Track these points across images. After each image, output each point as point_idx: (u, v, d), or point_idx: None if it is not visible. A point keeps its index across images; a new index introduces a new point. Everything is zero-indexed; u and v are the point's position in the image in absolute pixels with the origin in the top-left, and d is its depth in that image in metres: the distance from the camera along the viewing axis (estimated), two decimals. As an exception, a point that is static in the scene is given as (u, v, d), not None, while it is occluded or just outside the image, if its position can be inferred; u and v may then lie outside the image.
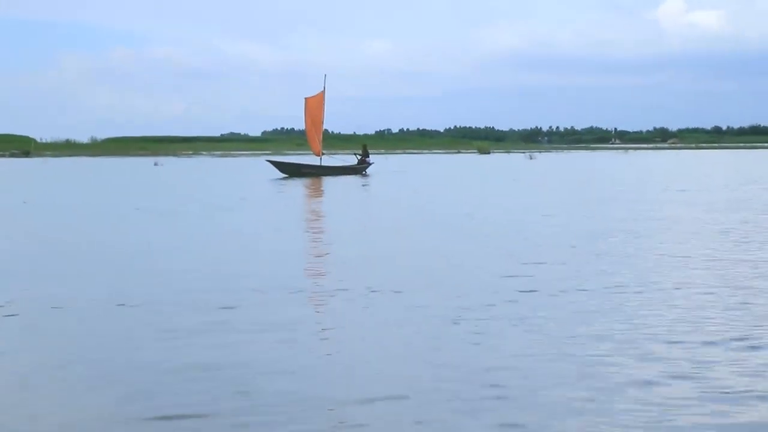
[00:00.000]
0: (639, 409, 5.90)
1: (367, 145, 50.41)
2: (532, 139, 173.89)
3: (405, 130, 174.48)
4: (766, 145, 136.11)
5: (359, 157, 47.17)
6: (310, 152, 47.97)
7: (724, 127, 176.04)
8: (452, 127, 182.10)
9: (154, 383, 6.60)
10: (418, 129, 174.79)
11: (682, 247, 14.03)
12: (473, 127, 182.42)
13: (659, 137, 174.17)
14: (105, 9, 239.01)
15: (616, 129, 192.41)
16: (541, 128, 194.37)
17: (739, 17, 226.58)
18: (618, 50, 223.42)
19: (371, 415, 5.89)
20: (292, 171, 43.83)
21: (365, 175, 44.70)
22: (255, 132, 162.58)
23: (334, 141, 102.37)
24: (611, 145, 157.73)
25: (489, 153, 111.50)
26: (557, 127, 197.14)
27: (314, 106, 45.00)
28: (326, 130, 50.05)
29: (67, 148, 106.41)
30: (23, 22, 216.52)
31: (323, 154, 45.39)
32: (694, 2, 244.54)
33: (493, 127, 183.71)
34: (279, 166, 44.49)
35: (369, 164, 47.08)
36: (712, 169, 53.18)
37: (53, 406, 6.14)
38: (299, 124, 47.45)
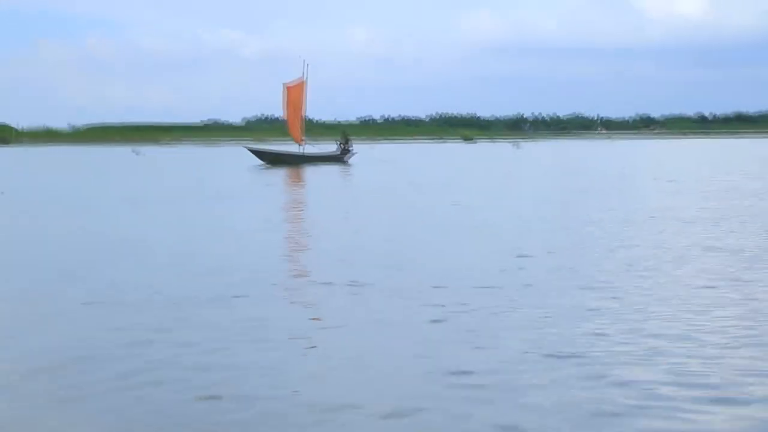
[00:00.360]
0: (643, 411, 5.44)
1: (348, 133, 49.53)
2: (516, 127, 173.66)
3: (388, 118, 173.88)
4: (751, 133, 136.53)
5: (341, 145, 46.49)
6: (292, 140, 47.15)
7: (708, 115, 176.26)
8: (435, 115, 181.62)
9: (138, 390, 6.03)
10: (401, 117, 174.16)
11: (680, 238, 13.59)
12: (457, 115, 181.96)
13: (643, 125, 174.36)
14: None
15: (600, 117, 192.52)
16: (524, 116, 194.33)
17: (721, 6, 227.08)
18: (601, 38, 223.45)
19: (363, 424, 5.41)
20: (272, 159, 43.11)
21: (347, 164, 44.03)
22: (237, 120, 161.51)
23: (317, 129, 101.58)
24: (596, 133, 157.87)
25: (474, 141, 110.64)
26: (541, 115, 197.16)
27: (295, 93, 44.29)
28: (309, 119, 49.39)
29: (47, 136, 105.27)
30: (2, 10, 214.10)
31: (304, 142, 44.69)
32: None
33: (476, 115, 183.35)
34: (259, 154, 43.78)
35: (351, 153, 46.36)
36: (702, 157, 53.12)
37: (33, 415, 5.63)
38: (281, 112, 46.64)
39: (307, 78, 44.83)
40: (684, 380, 6.13)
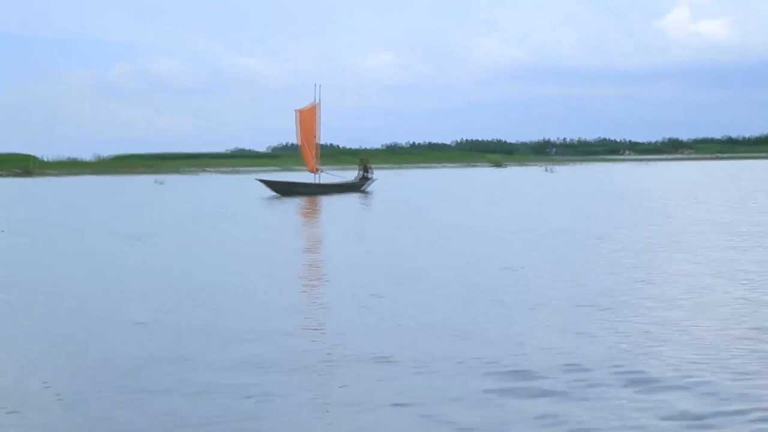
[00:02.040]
0: None
1: (367, 160, 46.89)
2: (542, 152, 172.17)
3: (413, 143, 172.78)
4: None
5: (361, 172, 44.34)
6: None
7: (736, 137, 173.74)
8: (461, 141, 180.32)
9: None
10: (427, 143, 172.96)
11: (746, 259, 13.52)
12: (482, 140, 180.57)
13: (671, 148, 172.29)
14: (108, 25, 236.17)
15: (628, 140, 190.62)
16: (550, 140, 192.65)
17: (744, 26, 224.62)
18: (624, 60, 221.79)
19: None
20: (284, 190, 41.35)
21: (366, 193, 42.28)
22: (262, 147, 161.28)
23: (343, 156, 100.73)
24: (624, 157, 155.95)
25: (504, 166, 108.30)
26: (566, 139, 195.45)
27: (307, 118, 42.33)
28: (333, 145, 48.10)
29: (71, 167, 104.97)
30: (24, 38, 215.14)
31: (319, 170, 42.90)
32: (700, 11, 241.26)
33: (502, 140, 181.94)
34: (270, 185, 42.10)
35: (371, 180, 44.47)
36: (750, 178, 51.86)
37: None
38: (297, 139, 44.82)
39: (319, 101, 43.12)
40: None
